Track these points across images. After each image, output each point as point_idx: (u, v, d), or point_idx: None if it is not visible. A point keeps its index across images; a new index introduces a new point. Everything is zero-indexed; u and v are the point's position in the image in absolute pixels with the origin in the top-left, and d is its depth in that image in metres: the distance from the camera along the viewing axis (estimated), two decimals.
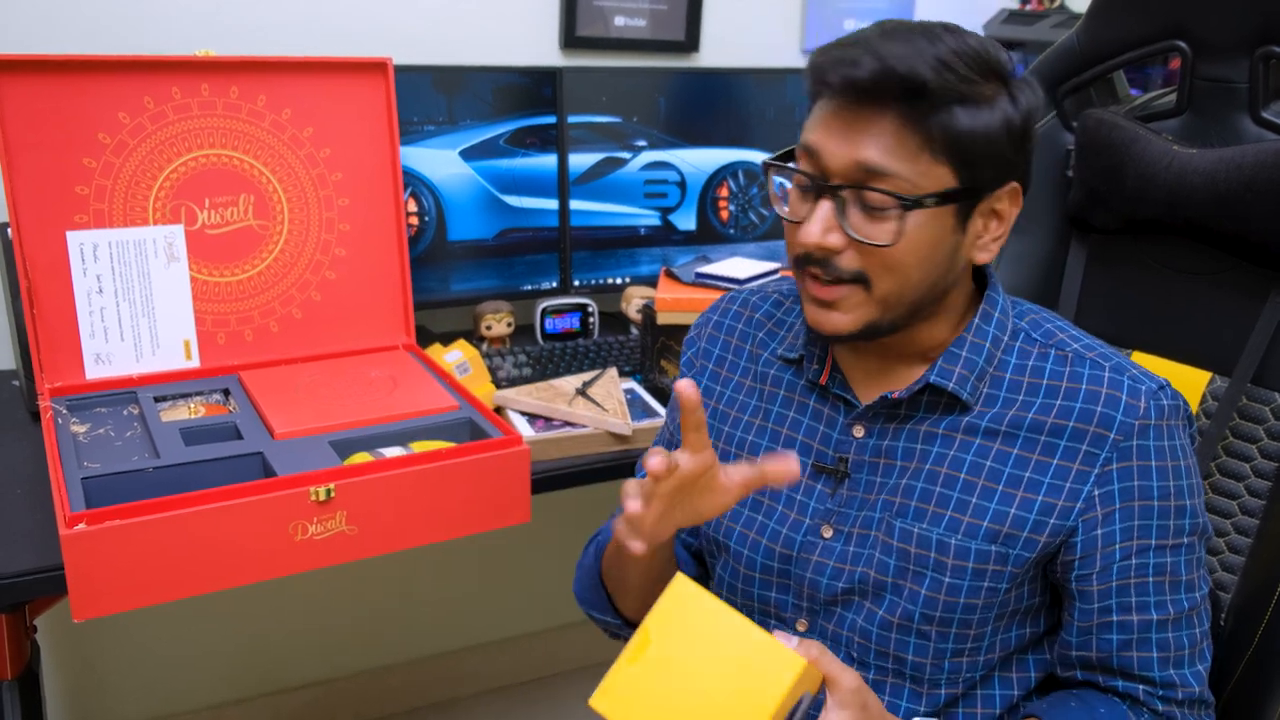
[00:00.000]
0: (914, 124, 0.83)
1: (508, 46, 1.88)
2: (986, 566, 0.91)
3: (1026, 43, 2.12)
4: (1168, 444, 0.90)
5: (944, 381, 0.92)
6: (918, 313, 0.91)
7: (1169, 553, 0.91)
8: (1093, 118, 1.21)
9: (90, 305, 1.35)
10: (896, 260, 0.87)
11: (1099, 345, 0.95)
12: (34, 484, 1.23)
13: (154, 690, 1.96)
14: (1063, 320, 0.99)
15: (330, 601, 2.06)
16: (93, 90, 1.31)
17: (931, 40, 0.83)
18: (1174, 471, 0.91)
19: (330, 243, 1.48)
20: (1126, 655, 0.92)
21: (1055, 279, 1.29)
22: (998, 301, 0.96)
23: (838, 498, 0.97)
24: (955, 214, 0.87)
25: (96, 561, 1.01)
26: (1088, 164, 1.22)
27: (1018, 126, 0.87)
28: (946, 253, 0.89)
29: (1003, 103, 0.86)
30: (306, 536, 1.11)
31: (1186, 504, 0.91)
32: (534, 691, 2.28)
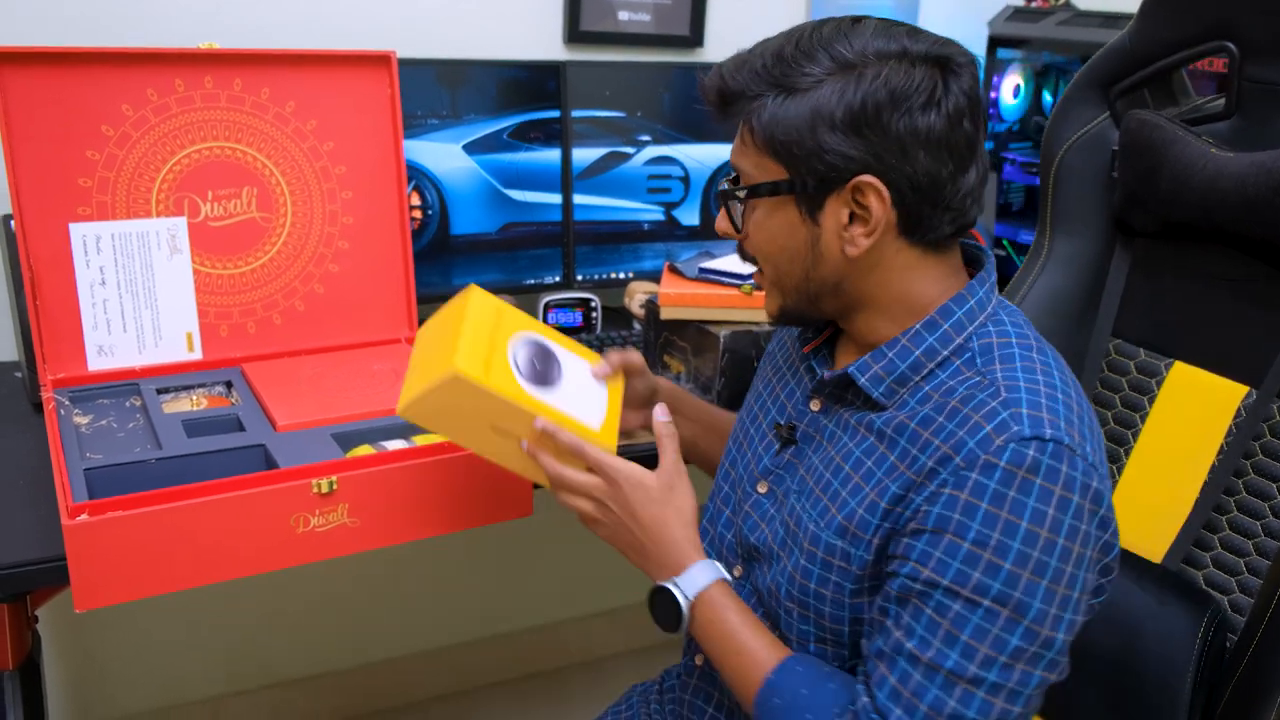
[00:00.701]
0: (746, 125, 0.90)
1: (512, 40, 1.88)
2: (833, 560, 0.91)
3: (1032, 40, 2.11)
4: (1012, 495, 0.81)
5: (858, 375, 0.92)
6: (818, 301, 0.94)
7: (959, 602, 0.81)
8: (1135, 118, 1.20)
9: (93, 297, 1.35)
10: (759, 248, 0.95)
11: (1027, 384, 0.86)
12: (36, 475, 1.23)
13: (154, 681, 1.96)
14: (1037, 352, 0.91)
15: (331, 594, 2.06)
16: (96, 82, 1.31)
17: (765, 46, 0.89)
18: (1005, 527, 0.80)
19: (333, 236, 1.48)
20: (875, 663, 0.86)
21: (1101, 282, 1.29)
22: (954, 314, 0.91)
23: (779, 459, 1.01)
24: (798, 206, 0.90)
25: (98, 552, 1.01)
26: (1129, 165, 1.21)
27: (838, 115, 0.85)
28: (803, 243, 0.91)
29: (823, 90, 0.85)
30: (309, 529, 1.11)
31: (1004, 567, 0.80)
32: (536, 685, 2.28)
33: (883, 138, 0.85)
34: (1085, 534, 0.83)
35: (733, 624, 0.95)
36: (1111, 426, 1.25)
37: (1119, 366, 1.25)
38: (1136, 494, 1.22)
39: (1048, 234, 1.35)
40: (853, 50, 0.85)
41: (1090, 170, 1.30)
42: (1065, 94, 1.32)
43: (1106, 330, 1.27)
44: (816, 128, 0.85)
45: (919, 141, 0.85)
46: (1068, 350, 1.28)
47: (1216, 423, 1.14)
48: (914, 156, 0.85)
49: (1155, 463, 1.20)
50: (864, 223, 0.88)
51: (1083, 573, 0.83)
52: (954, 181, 0.88)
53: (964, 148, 0.88)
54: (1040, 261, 1.35)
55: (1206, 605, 1.06)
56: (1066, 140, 1.31)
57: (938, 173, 0.87)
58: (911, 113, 0.85)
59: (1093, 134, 1.30)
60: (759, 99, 0.87)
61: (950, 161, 0.87)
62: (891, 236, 0.90)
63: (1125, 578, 1.13)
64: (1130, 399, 1.24)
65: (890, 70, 0.85)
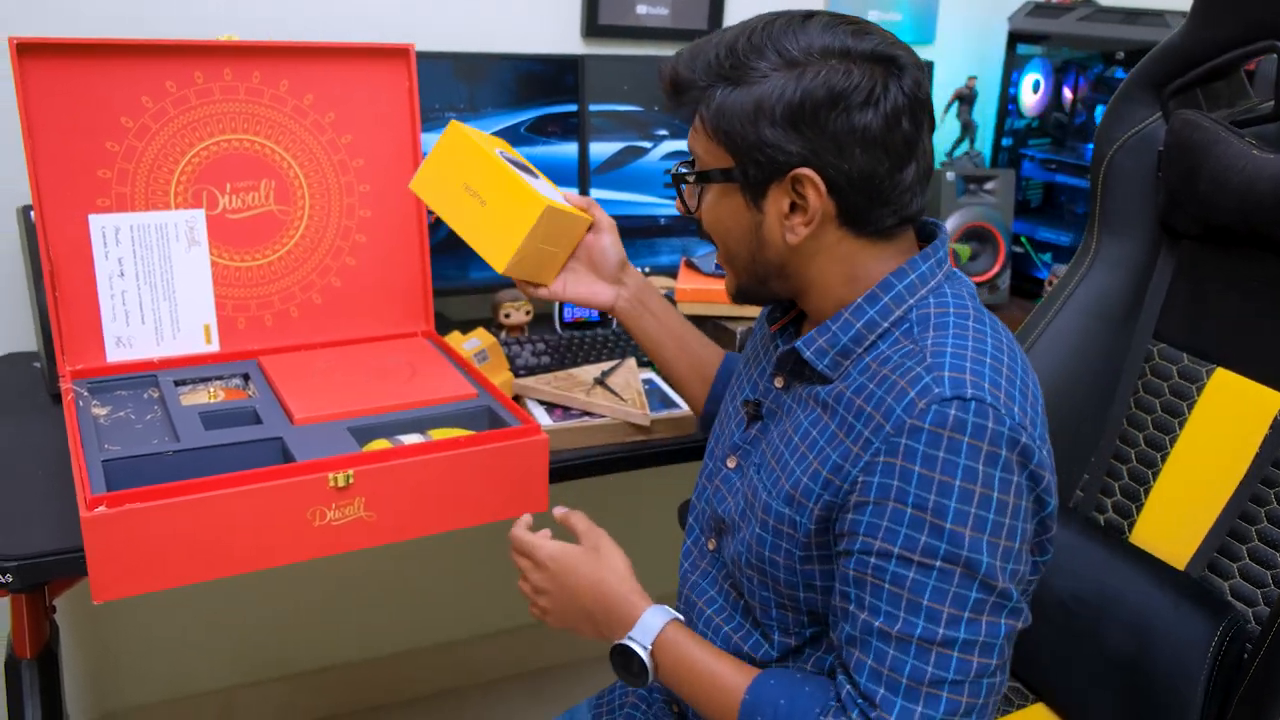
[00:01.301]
0: (698, 113, 0.94)
1: (530, 34, 1.88)
2: (782, 528, 0.95)
3: (1052, 35, 2.10)
4: (942, 456, 0.83)
5: (803, 349, 0.96)
6: (767, 282, 0.98)
7: (913, 569, 0.84)
8: (1180, 118, 1.19)
9: (111, 288, 1.35)
10: (710, 230, 1.00)
11: (954, 349, 0.88)
12: (55, 466, 1.24)
13: (168, 672, 1.97)
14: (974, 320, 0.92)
15: (346, 587, 2.07)
16: (116, 74, 1.31)
17: (721, 36, 0.92)
18: (940, 487, 0.83)
19: (351, 229, 1.48)
20: (849, 649, 0.88)
21: (1146, 285, 1.28)
22: (894, 287, 0.93)
23: (746, 435, 1.05)
24: (742, 192, 0.94)
25: (116, 544, 1.01)
26: (1171, 166, 1.20)
27: (778, 110, 0.88)
28: (748, 228, 0.95)
29: (767, 85, 0.88)
30: (325, 522, 1.11)
31: (946, 527, 0.83)
32: (549, 680, 2.28)
33: (819, 134, 0.88)
34: (1018, 486, 0.85)
35: (696, 657, 0.97)
36: (1150, 432, 1.24)
37: (1162, 371, 1.24)
38: (1169, 500, 1.21)
39: (1095, 235, 1.34)
40: (798, 47, 0.88)
41: (1139, 171, 1.28)
42: (1117, 93, 1.31)
43: (1148, 333, 1.26)
44: (759, 121, 0.89)
45: (855, 139, 0.88)
46: (1110, 353, 1.29)
47: (1253, 431, 1.13)
48: (850, 153, 0.88)
49: (1190, 469, 1.19)
50: (803, 212, 0.92)
51: (1021, 523, 0.85)
52: (891, 178, 0.90)
53: (901, 146, 0.90)
54: (1087, 262, 1.34)
55: (1224, 614, 1.05)
56: (1117, 140, 1.30)
57: (874, 169, 0.89)
58: (849, 111, 0.87)
59: (1143, 135, 1.28)
60: (709, 89, 0.91)
61: (887, 159, 0.89)
62: (833, 226, 0.93)
63: (1144, 581, 1.13)
64: (1170, 404, 1.23)
65: (830, 70, 0.87)
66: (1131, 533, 1.24)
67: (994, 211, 2.09)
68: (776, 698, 0.90)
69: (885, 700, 0.84)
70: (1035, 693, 1.27)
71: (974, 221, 2.08)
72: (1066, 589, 1.19)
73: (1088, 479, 1.30)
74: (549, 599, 1.08)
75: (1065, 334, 1.31)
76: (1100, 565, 1.17)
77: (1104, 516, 1.28)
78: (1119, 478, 1.27)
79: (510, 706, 2.20)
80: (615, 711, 1.19)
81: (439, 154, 1.25)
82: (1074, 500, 1.31)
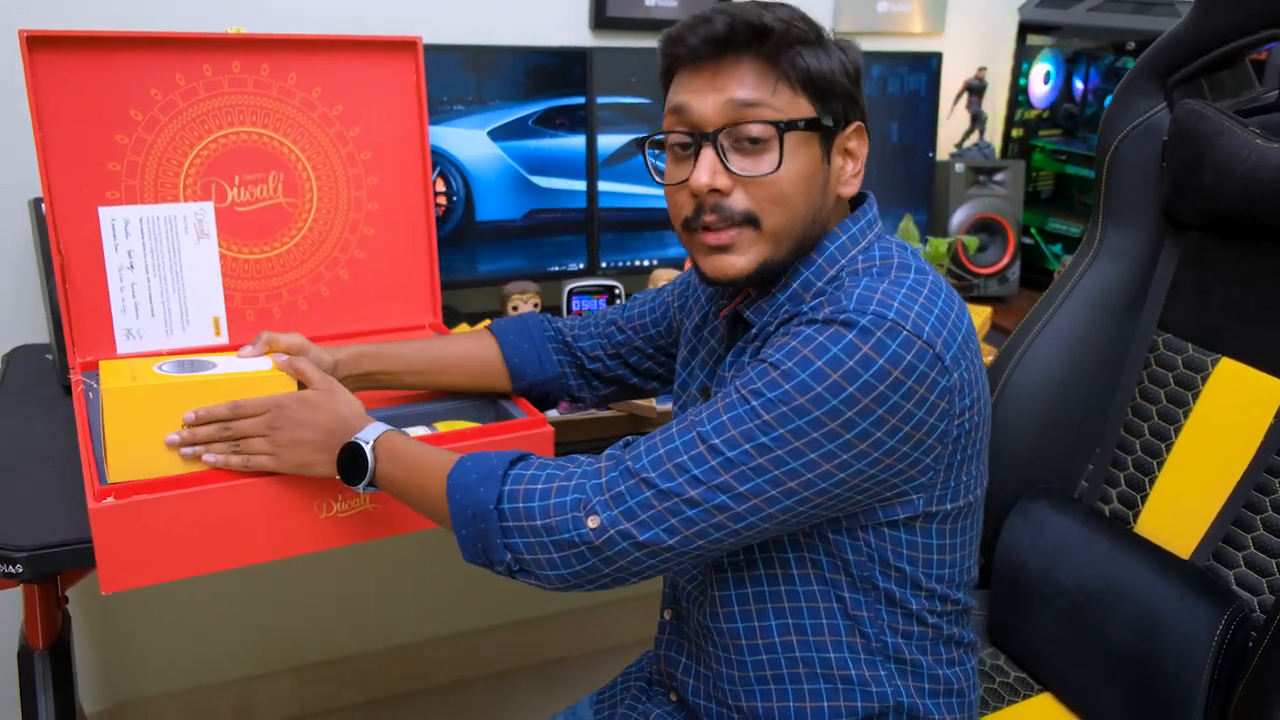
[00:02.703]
0: (770, 64, 0.94)
1: (538, 26, 1.88)
2: None
3: (1062, 26, 2.09)
4: (819, 340, 0.88)
5: (743, 309, 1.02)
6: (800, 248, 0.99)
7: (735, 395, 0.89)
8: (1184, 108, 1.18)
9: (121, 281, 1.36)
10: (781, 190, 0.95)
11: (867, 286, 0.92)
12: (66, 457, 1.25)
13: (181, 662, 1.98)
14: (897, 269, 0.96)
15: (357, 579, 2.08)
16: (125, 67, 1.31)
17: (766, 5, 0.96)
18: (801, 360, 0.87)
19: (359, 221, 1.48)
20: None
21: (1150, 276, 1.28)
22: (827, 249, 0.99)
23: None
24: (819, 145, 0.97)
25: (124, 536, 1.02)
26: (1175, 156, 1.19)
27: (851, 70, 0.98)
28: (820, 184, 0.98)
29: (835, 49, 0.97)
30: (331, 514, 1.12)
31: (783, 386, 0.87)
32: (559, 671, 2.29)
33: (861, 95, 1.00)
34: (895, 405, 0.87)
35: (414, 449, 1.02)
36: (1155, 422, 1.24)
37: (1166, 361, 1.24)
38: (1174, 490, 1.21)
39: (1100, 225, 1.34)
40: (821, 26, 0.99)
41: (1144, 162, 1.28)
42: (1122, 83, 1.30)
43: (1153, 323, 1.26)
44: (842, 74, 0.97)
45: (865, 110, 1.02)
46: (1115, 343, 1.29)
47: (1258, 420, 1.13)
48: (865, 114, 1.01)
49: (1195, 459, 1.19)
50: (855, 161, 1.00)
51: (881, 434, 0.87)
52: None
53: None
54: (1092, 253, 1.33)
55: (1229, 604, 1.05)
56: (1121, 130, 1.30)
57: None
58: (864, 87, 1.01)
59: (1148, 125, 1.28)
60: (795, 47, 0.95)
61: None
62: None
63: (1149, 572, 1.13)
64: (1175, 394, 1.22)
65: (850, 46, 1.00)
66: (1136, 523, 1.24)
67: (1003, 203, 2.08)
68: (479, 454, 0.97)
69: (634, 451, 0.91)
70: (1041, 683, 1.27)
71: (983, 213, 2.08)
72: (1072, 579, 1.19)
73: (1092, 469, 1.30)
74: (285, 433, 1.06)
75: (1070, 325, 1.31)
76: (1105, 556, 1.17)
77: (1109, 507, 1.27)
78: (1124, 468, 1.27)
79: (520, 697, 2.21)
80: (616, 705, 1.20)
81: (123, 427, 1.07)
82: (1079, 490, 1.31)
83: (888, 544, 0.97)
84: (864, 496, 0.92)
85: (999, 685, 1.27)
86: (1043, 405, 1.30)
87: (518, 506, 0.92)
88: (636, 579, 0.92)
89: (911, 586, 0.99)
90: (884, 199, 2.05)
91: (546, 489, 0.92)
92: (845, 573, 0.98)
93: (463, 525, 0.95)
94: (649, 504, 0.88)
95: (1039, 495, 1.28)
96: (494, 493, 0.93)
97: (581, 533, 0.89)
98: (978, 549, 1.05)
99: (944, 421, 0.91)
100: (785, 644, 1.01)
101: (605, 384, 1.32)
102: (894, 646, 1.00)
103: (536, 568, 0.92)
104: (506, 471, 0.95)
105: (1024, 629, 1.26)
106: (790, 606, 1.00)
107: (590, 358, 1.30)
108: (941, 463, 0.94)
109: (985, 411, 0.98)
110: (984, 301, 2.04)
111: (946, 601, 1.01)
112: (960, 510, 0.99)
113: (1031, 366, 1.31)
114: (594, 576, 0.91)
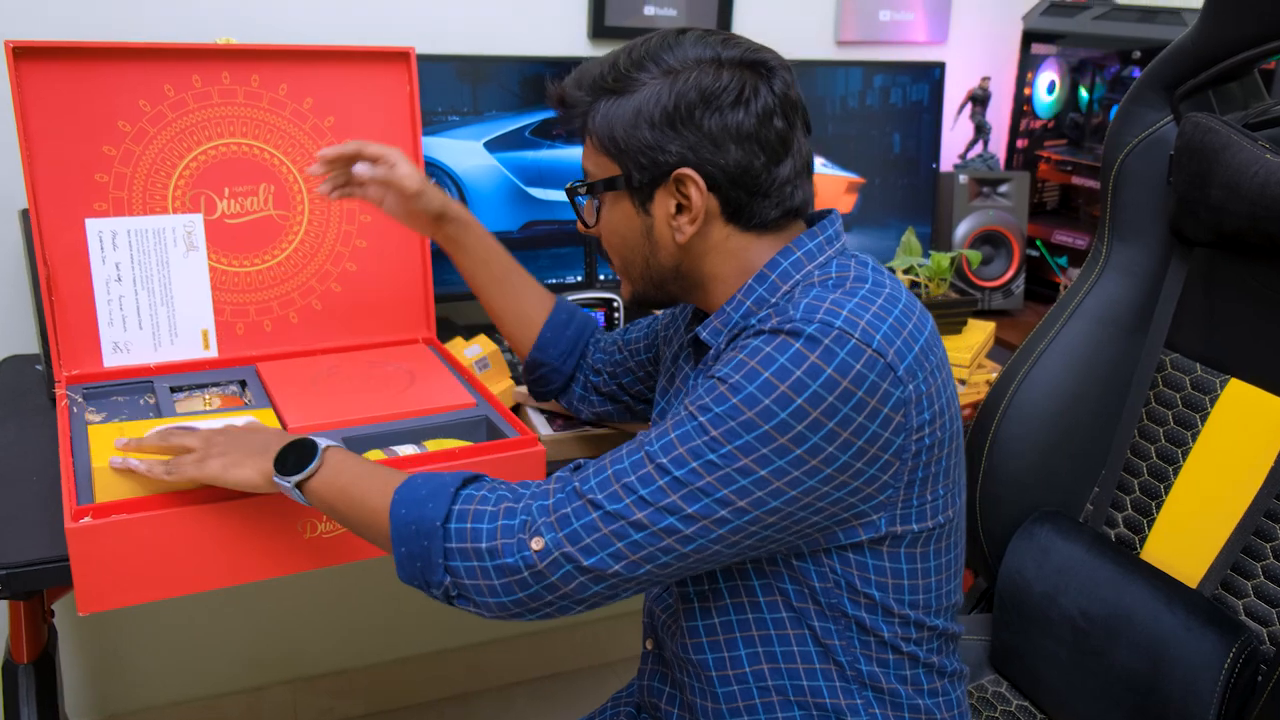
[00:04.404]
0: (586, 128, 0.99)
1: (535, 36, 1.86)
2: None
3: (1067, 35, 2.06)
4: (766, 350, 0.86)
5: (700, 331, 1.01)
6: (663, 284, 1.02)
7: (684, 413, 0.88)
8: (1190, 121, 1.15)
9: (109, 293, 1.34)
10: (605, 241, 1.05)
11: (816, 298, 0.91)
12: (51, 471, 1.23)
13: (175, 675, 1.96)
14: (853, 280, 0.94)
15: (352, 592, 2.06)
16: (113, 77, 1.30)
17: (606, 56, 0.99)
18: (748, 372, 0.86)
19: (351, 234, 1.46)
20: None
21: (1157, 293, 1.25)
22: (780, 265, 0.98)
23: None
24: (631, 198, 0.99)
25: (102, 555, 1.00)
26: (1182, 170, 1.17)
27: (656, 113, 0.94)
28: (639, 233, 1.00)
29: (644, 92, 0.94)
30: (315, 534, 1.10)
31: (731, 400, 0.85)
32: (561, 685, 2.27)
33: (695, 133, 0.94)
34: (845, 417, 0.85)
35: (362, 462, 1.00)
36: (1162, 444, 1.21)
37: (1174, 382, 1.21)
38: (1181, 516, 1.18)
39: (1106, 241, 1.31)
40: (674, 57, 0.95)
41: (1150, 176, 1.25)
42: (1127, 96, 1.27)
43: (1159, 342, 1.23)
44: (639, 125, 0.95)
45: (729, 137, 0.94)
46: (1120, 363, 1.26)
47: (1268, 444, 1.10)
48: (725, 150, 0.94)
49: (1203, 484, 1.16)
50: (688, 211, 0.97)
51: (833, 449, 0.85)
52: (768, 172, 0.96)
53: (776, 142, 0.95)
54: (1097, 269, 1.30)
55: (1238, 635, 1.02)
56: (1127, 144, 1.27)
57: (750, 164, 0.95)
58: (721, 110, 0.93)
59: (1154, 138, 1.25)
60: (595, 103, 0.98)
61: (762, 154, 0.95)
62: (719, 223, 0.98)
63: (1155, 600, 1.10)
64: (1183, 416, 1.20)
65: (701, 73, 0.93)
66: (1143, 549, 1.21)
67: (1008, 215, 2.06)
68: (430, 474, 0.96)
69: (583, 473, 0.90)
70: (1044, 711, 1.24)
71: (987, 225, 2.05)
72: (1076, 606, 1.16)
73: (1098, 492, 1.27)
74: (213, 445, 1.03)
75: (1074, 343, 1.28)
76: (1110, 582, 1.14)
77: (1114, 531, 1.25)
78: (1130, 491, 1.24)
79: (519, 712, 2.19)
80: None
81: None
82: (1084, 514, 1.28)
83: (853, 569, 0.94)
84: (820, 518, 0.89)
85: (1000, 713, 1.24)
86: (1047, 425, 1.27)
87: (465, 527, 0.90)
88: (582, 607, 0.90)
89: (883, 613, 0.96)
90: (886, 211, 2.03)
91: (495, 510, 0.90)
92: (813, 600, 0.95)
93: (403, 542, 0.92)
94: (594, 526, 0.86)
95: (1043, 518, 1.25)
96: (442, 510, 0.91)
97: (525, 555, 0.87)
98: (958, 573, 1.02)
99: (900, 436, 0.88)
100: (757, 673, 0.98)
101: (601, 400, 1.31)
102: (870, 675, 0.97)
103: (475, 593, 0.90)
104: (458, 490, 0.93)
105: (1027, 655, 1.23)
106: (760, 634, 0.98)
107: (594, 371, 1.31)
108: (901, 480, 0.91)
109: (952, 427, 0.94)
110: (988, 316, 2.01)
111: (923, 628, 0.98)
112: (930, 532, 0.95)
113: (1036, 385, 1.28)
114: (535, 605, 0.89)
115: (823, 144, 1.95)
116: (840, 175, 1.98)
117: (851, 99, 1.95)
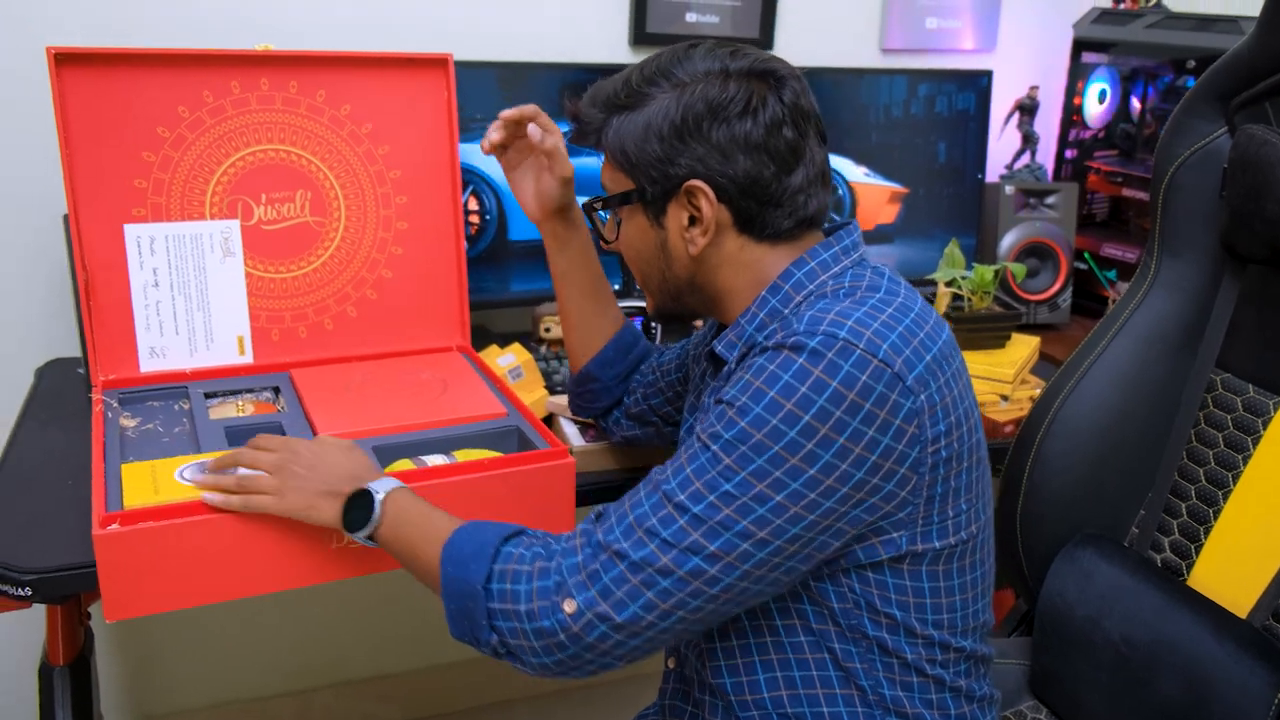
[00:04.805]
0: (601, 144, 1.01)
1: (576, 43, 1.85)
2: None
3: (1119, 43, 2.02)
4: (771, 369, 0.85)
5: (716, 344, 1.00)
6: (681, 297, 1.03)
7: (697, 445, 0.87)
8: (1246, 133, 1.11)
9: (146, 299, 1.35)
10: (625, 256, 1.06)
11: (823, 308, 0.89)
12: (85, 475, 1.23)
13: (212, 678, 1.97)
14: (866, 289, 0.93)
15: (394, 597, 2.05)
16: (153, 84, 1.30)
17: (619, 75, 1.00)
18: (754, 393, 0.84)
19: (387, 241, 1.46)
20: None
21: (1208, 311, 1.21)
22: (794, 275, 0.97)
23: None
24: (645, 213, 1.00)
25: (129, 563, 1.00)
26: (1236, 184, 1.13)
27: (664, 127, 0.94)
28: (654, 246, 1.01)
29: (654, 106, 0.95)
30: (343, 544, 1.09)
31: (739, 424, 0.84)
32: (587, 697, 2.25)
33: (704, 145, 0.94)
34: (856, 432, 0.83)
35: (421, 508, 1.00)
36: (1212, 467, 1.17)
37: (1225, 403, 1.17)
38: (1231, 543, 1.14)
39: (1155, 256, 1.27)
40: (684, 71, 0.95)
41: (1203, 190, 1.21)
42: (1180, 106, 1.23)
43: (1210, 362, 1.19)
44: (649, 139, 0.96)
45: (738, 147, 0.93)
46: (1169, 382, 1.22)
47: None
48: (734, 161, 0.94)
49: (1255, 509, 1.12)
50: (699, 223, 0.97)
51: (846, 466, 0.83)
52: (779, 182, 0.95)
53: (786, 152, 0.94)
54: (1146, 285, 1.26)
55: None
56: (1179, 157, 1.22)
57: (759, 174, 0.94)
58: (729, 121, 0.93)
59: (1207, 150, 1.20)
60: (608, 119, 0.99)
61: (772, 164, 0.94)
62: (733, 234, 0.98)
63: (1202, 629, 1.06)
64: (1234, 438, 1.15)
65: (708, 85, 0.94)
66: (1190, 575, 1.17)
67: (1055, 227, 2.01)
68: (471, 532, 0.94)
69: (606, 523, 0.88)
70: None
71: (1033, 237, 2.01)
72: (1118, 631, 1.12)
73: (1144, 515, 1.23)
74: (295, 475, 1.04)
75: (1121, 361, 1.24)
76: (1155, 608, 1.11)
77: (1160, 556, 1.21)
78: (1177, 515, 1.20)
79: None
80: None
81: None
82: (1129, 537, 1.24)
83: (873, 588, 0.91)
84: (840, 541, 0.87)
85: None
86: (1092, 444, 1.24)
87: (505, 588, 0.89)
88: (622, 663, 0.88)
89: (906, 634, 0.93)
90: (930, 222, 1.99)
91: (530, 570, 0.89)
92: (833, 621, 0.93)
93: (452, 599, 0.92)
94: (623, 578, 0.85)
95: (1087, 541, 1.21)
96: (484, 571, 0.90)
97: (560, 619, 0.86)
98: (986, 592, 0.99)
99: (915, 448, 0.86)
100: (775, 699, 0.96)
101: (630, 423, 1.30)
102: (894, 699, 0.94)
103: (521, 654, 0.89)
104: (499, 549, 0.92)
105: (1067, 681, 1.20)
106: (779, 659, 0.95)
107: (629, 391, 1.30)
108: (920, 495, 0.88)
109: (971, 439, 0.91)
110: (1034, 330, 1.97)
111: (949, 650, 0.95)
112: (953, 549, 0.92)
113: (1081, 402, 1.25)
114: (577, 664, 0.88)
115: (866, 153, 1.92)
116: (884, 185, 1.95)
117: (896, 108, 1.92)
